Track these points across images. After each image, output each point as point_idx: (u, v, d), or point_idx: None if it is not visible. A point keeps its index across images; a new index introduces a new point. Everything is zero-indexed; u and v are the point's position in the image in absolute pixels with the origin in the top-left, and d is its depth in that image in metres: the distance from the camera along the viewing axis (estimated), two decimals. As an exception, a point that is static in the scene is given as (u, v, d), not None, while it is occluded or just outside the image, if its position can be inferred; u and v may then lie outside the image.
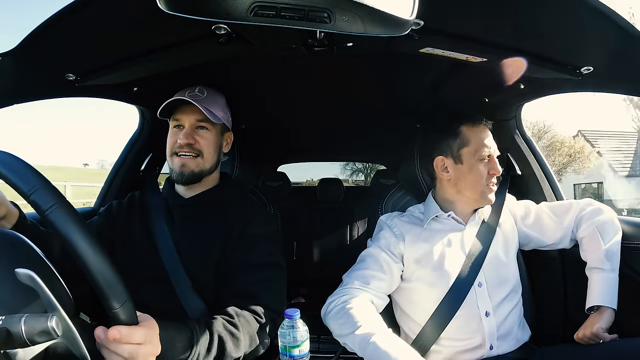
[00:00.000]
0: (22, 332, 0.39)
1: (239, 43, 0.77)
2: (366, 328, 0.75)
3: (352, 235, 2.17)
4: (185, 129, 0.90)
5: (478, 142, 0.96)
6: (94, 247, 0.45)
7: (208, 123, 0.91)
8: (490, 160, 0.96)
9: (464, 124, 0.97)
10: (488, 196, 0.96)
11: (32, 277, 0.41)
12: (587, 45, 0.74)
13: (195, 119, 0.90)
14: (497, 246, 0.96)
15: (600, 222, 0.90)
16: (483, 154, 0.95)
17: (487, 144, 0.96)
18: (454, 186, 0.98)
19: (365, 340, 0.72)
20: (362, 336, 0.73)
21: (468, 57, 0.81)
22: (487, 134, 0.98)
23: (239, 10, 0.50)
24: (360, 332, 0.74)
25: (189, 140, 0.88)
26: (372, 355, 0.70)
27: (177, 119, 0.92)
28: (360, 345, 0.73)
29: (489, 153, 0.96)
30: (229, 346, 0.68)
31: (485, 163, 0.96)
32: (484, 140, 0.96)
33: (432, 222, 0.99)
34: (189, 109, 0.90)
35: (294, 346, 0.67)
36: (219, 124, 0.95)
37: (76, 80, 0.87)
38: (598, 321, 0.79)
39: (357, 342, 0.74)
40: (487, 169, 0.95)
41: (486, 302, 0.90)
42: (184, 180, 0.90)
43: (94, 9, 0.64)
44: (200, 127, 0.91)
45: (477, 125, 0.97)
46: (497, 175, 0.95)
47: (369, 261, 0.93)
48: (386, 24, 0.52)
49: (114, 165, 1.40)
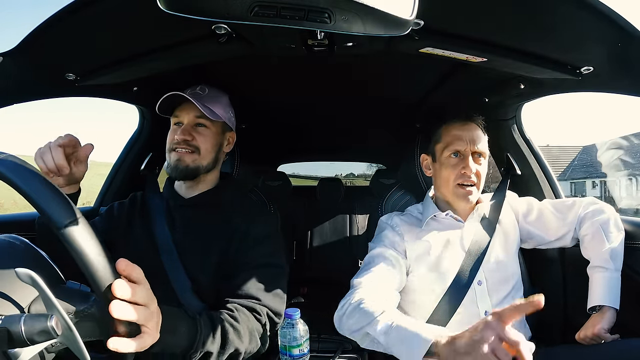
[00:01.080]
0: (21, 332, 0.39)
1: (239, 43, 0.77)
2: (387, 315, 0.70)
3: (352, 235, 2.17)
4: (184, 125, 0.91)
5: (450, 138, 0.93)
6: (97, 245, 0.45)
7: (207, 120, 0.91)
8: (464, 158, 0.92)
9: (446, 122, 0.96)
10: (461, 197, 0.92)
11: (32, 277, 0.41)
12: (587, 45, 0.74)
13: (194, 116, 0.91)
14: (498, 244, 0.95)
15: (604, 221, 0.89)
16: (454, 149, 0.92)
17: (462, 140, 0.92)
18: (435, 184, 0.99)
19: (387, 325, 0.67)
20: (384, 322, 0.68)
21: (468, 57, 0.80)
22: (466, 130, 0.93)
23: (239, 10, 0.50)
24: (381, 318, 0.69)
25: (186, 137, 0.89)
26: (398, 337, 0.65)
27: (176, 116, 0.93)
28: (384, 330, 0.67)
29: (458, 149, 0.92)
30: (231, 336, 0.68)
31: (456, 160, 0.92)
32: (458, 136, 0.92)
33: (431, 221, 0.98)
34: (188, 107, 0.91)
35: (294, 346, 0.67)
36: (220, 123, 0.95)
37: (76, 80, 0.87)
38: (600, 321, 0.78)
39: (379, 328, 0.68)
40: (457, 167, 0.92)
41: (486, 301, 0.89)
42: (178, 175, 0.90)
43: (94, 9, 0.64)
44: (199, 125, 0.92)
45: (455, 123, 0.94)
46: (468, 174, 0.90)
47: (377, 261, 0.90)
48: (386, 24, 0.52)
49: (114, 165, 1.41)
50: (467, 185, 0.92)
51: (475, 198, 0.94)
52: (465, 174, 0.91)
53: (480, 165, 0.93)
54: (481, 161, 0.94)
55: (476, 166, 0.92)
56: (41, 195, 0.43)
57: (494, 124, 1.28)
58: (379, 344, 0.69)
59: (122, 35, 0.76)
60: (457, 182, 0.93)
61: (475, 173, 0.92)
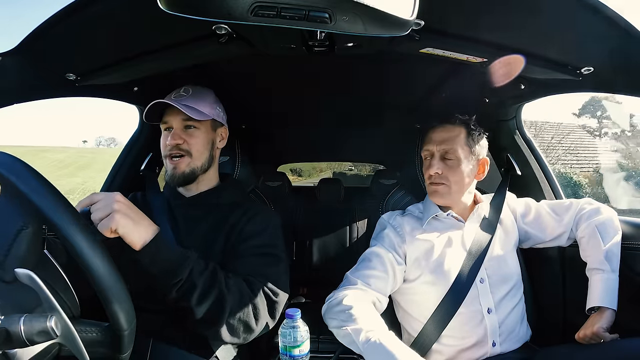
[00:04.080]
0: (21, 332, 0.39)
1: (240, 43, 0.77)
2: (369, 326, 0.74)
3: (352, 236, 2.17)
4: (174, 130, 0.91)
5: (425, 140, 1.00)
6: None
7: (195, 121, 0.92)
8: (431, 159, 0.97)
9: (430, 126, 1.01)
10: (431, 193, 0.98)
11: (32, 277, 0.41)
12: (587, 45, 0.74)
13: (181, 119, 0.91)
14: (498, 243, 0.96)
15: (600, 222, 0.90)
16: (425, 150, 0.99)
17: (431, 142, 0.97)
18: None
19: (367, 337, 0.71)
20: (365, 332, 0.72)
21: (468, 57, 0.81)
22: (437, 132, 0.98)
23: (240, 10, 0.50)
24: (363, 328, 0.73)
25: (177, 141, 0.90)
26: (374, 352, 0.69)
27: (165, 122, 0.93)
28: (362, 341, 0.72)
29: (428, 149, 0.98)
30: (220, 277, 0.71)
31: (428, 162, 0.98)
32: (430, 138, 0.98)
33: (432, 221, 0.99)
34: (174, 111, 0.91)
35: (294, 346, 0.67)
36: (208, 120, 0.95)
37: (76, 80, 0.87)
38: (599, 321, 0.79)
39: (359, 337, 0.73)
40: (427, 168, 0.97)
41: (488, 299, 0.90)
42: (177, 182, 0.91)
43: (94, 9, 0.64)
44: (189, 127, 0.92)
45: (433, 126, 1.00)
46: (431, 173, 0.95)
47: (374, 261, 0.92)
48: (387, 24, 0.52)
49: (114, 165, 1.40)
50: (434, 184, 0.96)
51: (447, 195, 0.96)
52: (429, 174, 0.96)
53: (449, 165, 0.95)
54: (451, 161, 0.95)
55: (441, 166, 0.94)
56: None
57: (494, 124, 1.28)
58: (356, 347, 0.74)
59: (122, 35, 0.76)
60: (428, 182, 0.98)
61: (443, 173, 0.94)
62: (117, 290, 0.47)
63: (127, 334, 0.49)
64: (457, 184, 0.95)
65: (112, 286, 0.47)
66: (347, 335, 0.76)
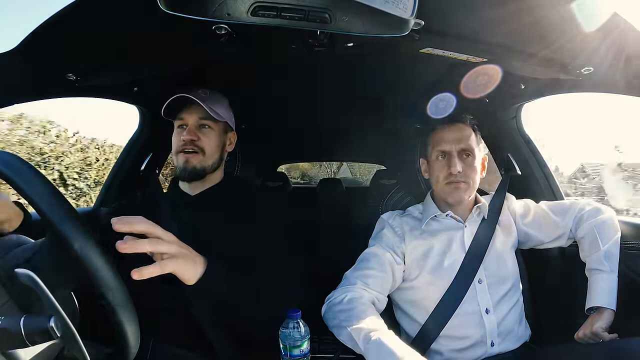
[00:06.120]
0: (21, 332, 0.39)
1: (240, 43, 0.77)
2: (369, 325, 0.73)
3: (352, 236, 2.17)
4: (189, 126, 0.93)
5: (436, 140, 0.97)
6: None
7: (211, 121, 0.93)
8: (450, 158, 0.94)
9: (434, 127, 1.00)
10: (450, 192, 0.94)
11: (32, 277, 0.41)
12: (587, 45, 0.74)
13: (198, 117, 0.93)
14: (497, 244, 0.96)
15: (599, 222, 0.90)
16: (440, 150, 0.95)
17: (446, 141, 0.95)
18: (432, 185, 1.01)
19: (368, 336, 0.70)
20: (366, 332, 0.71)
21: (468, 57, 0.81)
22: (451, 131, 0.96)
23: (240, 10, 0.50)
24: (363, 328, 0.72)
25: (192, 137, 0.91)
26: (375, 351, 0.68)
27: (181, 118, 0.94)
28: (363, 339, 0.71)
29: (444, 149, 0.95)
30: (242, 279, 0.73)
31: (443, 161, 0.95)
32: (443, 137, 0.96)
33: (432, 221, 0.99)
34: (192, 108, 0.92)
35: (295, 346, 0.67)
36: (222, 123, 0.97)
37: (76, 80, 0.87)
38: (598, 321, 0.79)
39: (359, 337, 0.72)
40: (445, 167, 0.94)
41: (486, 299, 0.90)
42: (187, 176, 0.92)
43: (95, 9, 0.64)
44: (203, 126, 0.94)
45: (441, 126, 0.98)
46: (453, 172, 0.92)
47: (373, 261, 0.93)
48: (387, 24, 0.52)
49: (114, 165, 1.40)
50: (455, 182, 0.94)
51: (467, 192, 0.95)
52: (451, 173, 0.93)
53: (467, 163, 0.94)
54: (469, 159, 0.95)
55: (462, 164, 0.93)
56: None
57: (494, 124, 1.28)
58: (357, 347, 0.72)
59: (122, 36, 0.76)
60: (445, 181, 0.95)
61: (463, 171, 0.93)
62: (129, 313, 0.48)
63: (133, 351, 0.49)
64: (475, 181, 0.96)
65: (123, 305, 0.47)
66: (347, 335, 0.76)
